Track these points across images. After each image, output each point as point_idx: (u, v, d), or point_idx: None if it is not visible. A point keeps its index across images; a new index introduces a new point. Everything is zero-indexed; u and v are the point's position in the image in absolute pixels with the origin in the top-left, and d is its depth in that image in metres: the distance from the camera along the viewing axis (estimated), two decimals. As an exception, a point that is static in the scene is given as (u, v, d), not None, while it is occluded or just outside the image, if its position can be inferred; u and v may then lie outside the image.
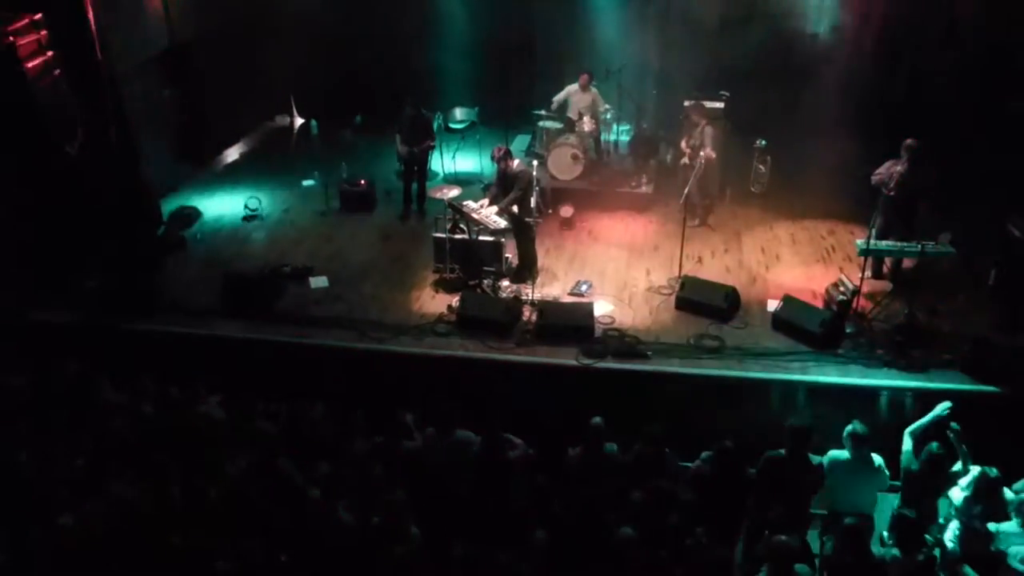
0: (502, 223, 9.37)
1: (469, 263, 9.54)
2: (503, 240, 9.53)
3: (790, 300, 8.82)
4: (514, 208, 9.43)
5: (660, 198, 11.51)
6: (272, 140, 14.06)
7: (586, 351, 8.38)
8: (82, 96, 9.24)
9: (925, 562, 5.71)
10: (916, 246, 8.48)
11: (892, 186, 8.70)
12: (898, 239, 8.79)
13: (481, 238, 9.45)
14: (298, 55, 12.93)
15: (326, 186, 11.69)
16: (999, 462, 6.48)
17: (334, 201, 11.57)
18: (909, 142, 8.92)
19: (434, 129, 11.49)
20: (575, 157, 11.46)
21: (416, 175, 11.31)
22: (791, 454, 6.65)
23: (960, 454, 6.56)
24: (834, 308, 8.81)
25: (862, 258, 8.78)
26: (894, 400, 7.83)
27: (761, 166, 11.58)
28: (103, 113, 9.35)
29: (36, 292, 9.21)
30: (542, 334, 8.64)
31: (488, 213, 9.42)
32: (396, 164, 11.88)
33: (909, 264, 9.12)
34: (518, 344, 8.57)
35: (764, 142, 11.51)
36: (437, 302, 9.34)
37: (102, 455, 6.78)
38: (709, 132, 10.66)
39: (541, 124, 12.19)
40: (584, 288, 9.52)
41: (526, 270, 9.62)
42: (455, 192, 10.01)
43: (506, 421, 7.11)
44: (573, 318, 8.78)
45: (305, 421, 7.32)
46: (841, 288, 8.98)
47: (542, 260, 9.95)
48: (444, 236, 9.59)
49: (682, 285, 9.25)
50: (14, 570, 5.90)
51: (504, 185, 9.55)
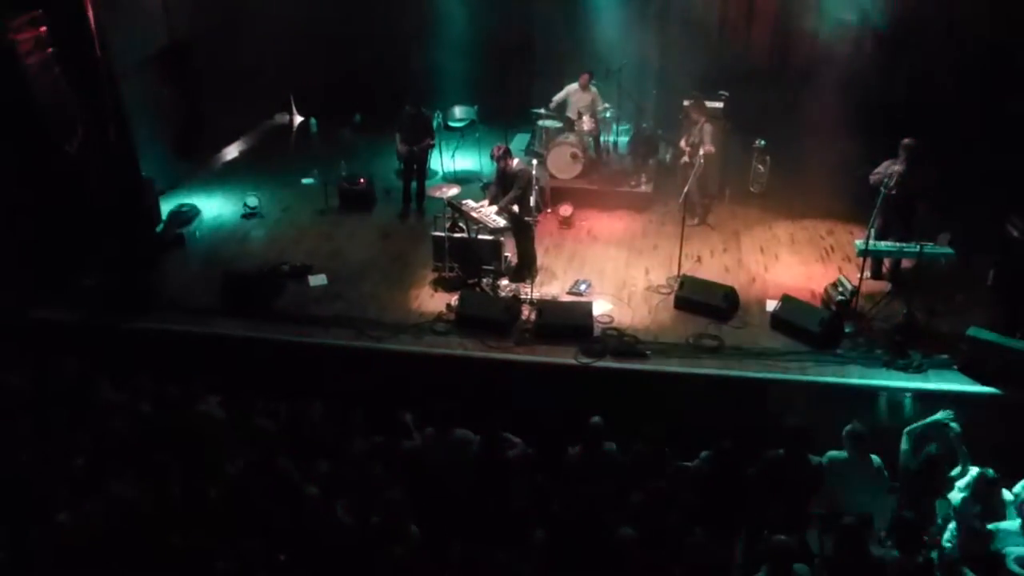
0: (501, 222, 9.37)
1: (468, 262, 9.54)
2: (502, 239, 9.53)
3: (789, 300, 8.82)
4: (513, 207, 9.42)
5: (659, 197, 11.51)
6: (271, 138, 14.03)
7: (585, 350, 8.38)
8: (81, 94, 9.23)
9: (923, 563, 5.72)
10: (915, 246, 8.47)
11: (892, 185, 8.70)
12: (897, 239, 8.78)
13: (480, 237, 9.44)
14: (297, 53, 12.93)
15: (325, 184, 11.67)
16: (998, 463, 6.50)
17: (333, 200, 11.55)
18: (907, 141, 8.92)
19: (433, 128, 11.49)
20: (574, 156, 11.46)
21: (415, 174, 11.30)
22: (790, 454, 6.67)
23: (959, 455, 6.57)
24: (833, 308, 8.82)
25: (861, 258, 8.77)
26: (893, 400, 7.83)
27: (760, 166, 11.57)
28: (102, 111, 9.34)
29: (35, 290, 9.19)
30: (541, 333, 8.63)
31: (487, 212, 9.43)
32: (395, 163, 11.87)
33: (908, 264, 9.12)
34: (517, 343, 8.56)
35: (763, 142, 11.50)
36: (436, 301, 9.33)
37: (101, 454, 6.78)
38: (708, 129, 10.64)
39: (540, 123, 12.18)
40: (583, 287, 9.52)
41: (525, 269, 9.62)
42: (454, 191, 10.00)
43: (505, 420, 7.13)
44: (572, 317, 8.77)
45: (304, 420, 7.32)
46: (840, 288, 8.99)
47: (541, 259, 9.95)
48: (443, 235, 9.58)
49: (681, 284, 9.24)
50: (14, 569, 5.90)
51: (503, 184, 9.55)
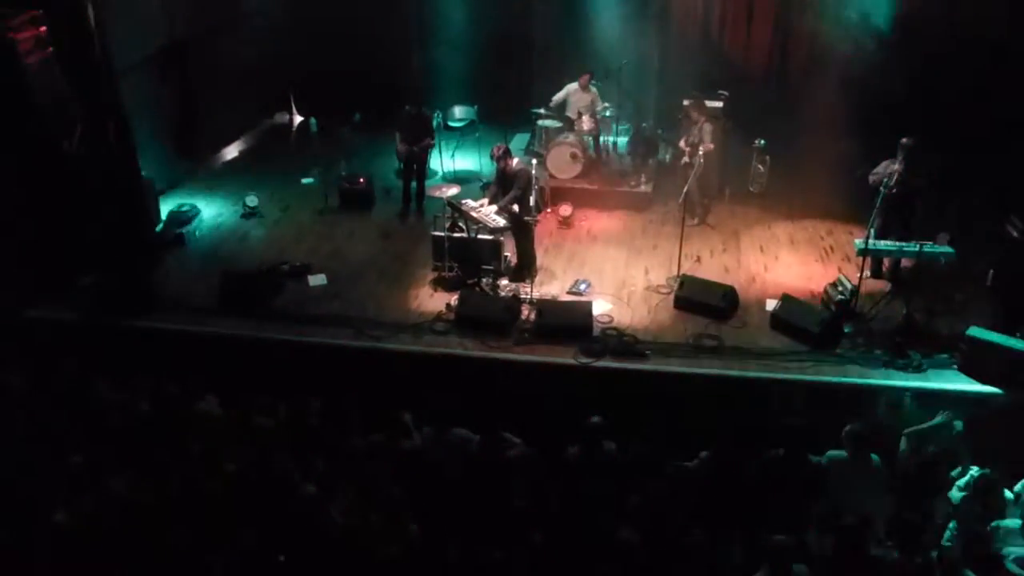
0: (501, 222, 9.36)
1: (468, 262, 9.53)
2: (502, 239, 9.52)
3: (789, 300, 8.82)
4: (513, 207, 9.41)
5: (659, 197, 11.50)
6: (271, 138, 14.02)
7: (584, 350, 8.37)
8: (81, 93, 9.22)
9: (923, 563, 5.72)
10: (914, 246, 8.46)
11: (892, 184, 8.70)
12: (897, 239, 8.78)
13: (480, 237, 9.44)
14: (297, 53, 12.92)
15: (325, 184, 11.68)
16: (998, 463, 6.51)
17: (333, 199, 11.54)
18: (905, 141, 8.91)
19: (433, 127, 11.48)
20: (574, 156, 11.45)
21: (415, 173, 11.29)
22: (790, 454, 6.67)
23: (960, 454, 6.58)
24: (833, 308, 8.81)
25: (861, 258, 8.77)
26: (893, 400, 7.82)
27: (760, 165, 11.57)
28: (102, 111, 9.32)
29: (34, 290, 9.18)
30: (540, 333, 8.62)
31: (487, 212, 9.42)
32: (395, 162, 11.86)
33: (908, 264, 9.12)
34: (516, 343, 8.54)
35: (763, 142, 11.50)
36: (436, 300, 9.32)
37: (99, 452, 6.77)
38: (708, 128, 10.64)
39: (540, 123, 12.17)
40: (583, 287, 9.51)
41: (525, 269, 9.61)
42: (454, 190, 9.99)
43: (505, 420, 7.12)
44: (572, 317, 8.77)
45: (303, 419, 7.32)
46: (840, 288, 8.98)
47: (541, 259, 9.95)
48: (443, 234, 9.57)
49: (681, 284, 9.23)
50: (13, 567, 5.89)
51: (503, 184, 9.54)
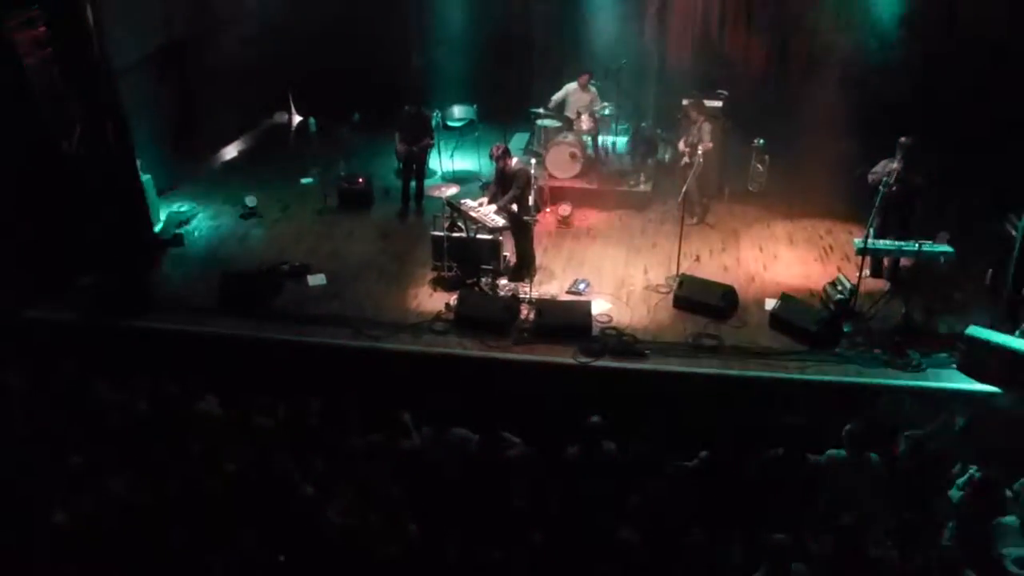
0: (500, 221, 9.36)
1: (467, 261, 9.52)
2: (501, 238, 9.51)
3: (788, 299, 8.82)
4: (512, 206, 9.41)
5: (658, 196, 11.50)
6: (270, 138, 14.00)
7: (584, 350, 8.36)
8: (80, 93, 9.22)
9: (923, 563, 5.72)
10: (914, 245, 8.46)
11: (891, 183, 8.70)
12: (896, 238, 8.78)
13: (479, 236, 9.43)
14: (296, 53, 12.91)
15: (324, 184, 11.67)
16: (998, 461, 6.50)
17: (332, 199, 11.53)
18: (903, 140, 8.92)
19: (433, 127, 11.48)
20: (573, 156, 11.45)
21: (415, 173, 11.29)
22: (789, 453, 6.67)
23: (960, 453, 6.57)
24: (832, 307, 8.82)
25: (860, 257, 8.76)
26: (892, 399, 7.82)
27: (759, 165, 11.56)
28: (100, 111, 9.33)
29: (33, 290, 9.17)
30: (540, 332, 8.62)
31: (486, 211, 9.42)
32: (394, 162, 11.86)
33: (907, 263, 9.11)
34: (516, 343, 8.54)
35: (762, 141, 11.50)
36: (435, 300, 9.32)
37: (99, 452, 6.77)
38: (707, 128, 10.64)
39: (539, 123, 12.16)
40: (582, 287, 9.51)
41: (524, 268, 9.61)
42: (453, 190, 9.99)
43: (504, 419, 7.11)
44: (571, 317, 8.76)
45: (303, 419, 7.32)
46: (839, 287, 8.98)
47: (540, 258, 9.94)
48: (442, 234, 9.57)
49: (680, 284, 9.23)
50: (13, 567, 5.90)
51: (502, 183, 9.54)
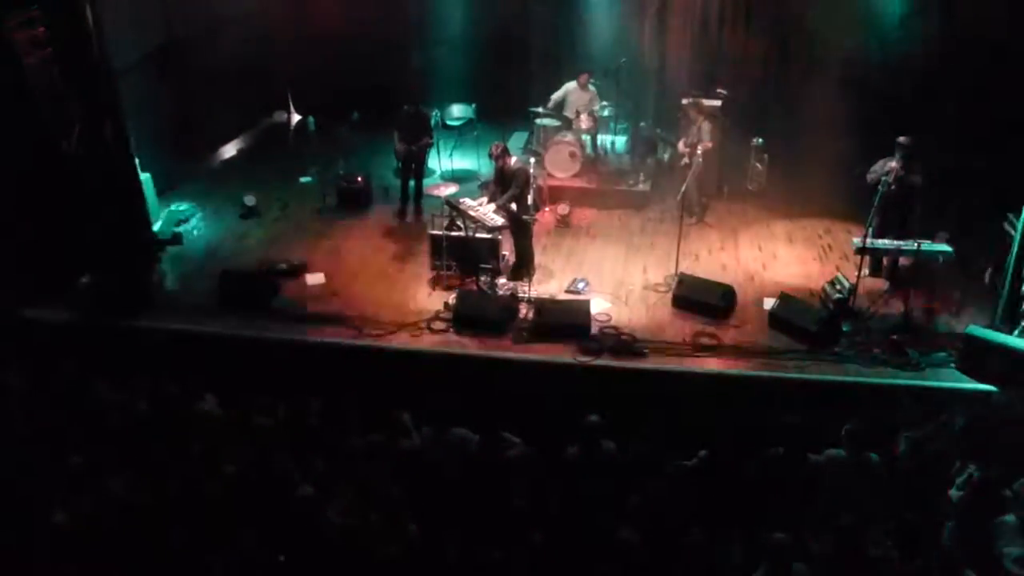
0: (499, 220, 9.35)
1: (466, 260, 9.52)
2: (500, 237, 9.50)
3: (787, 298, 8.83)
4: (511, 205, 9.40)
5: (657, 196, 11.50)
6: (269, 137, 13.99)
7: (583, 349, 8.37)
8: (79, 93, 9.21)
9: (923, 562, 5.72)
10: (913, 244, 8.48)
11: (890, 183, 8.71)
12: (895, 237, 8.79)
13: (478, 235, 9.42)
14: (295, 52, 12.90)
15: (323, 183, 11.66)
16: (997, 461, 6.50)
17: (331, 198, 11.54)
18: (902, 140, 8.93)
19: (432, 126, 11.47)
20: (572, 155, 11.45)
21: (414, 172, 11.28)
22: (788, 453, 6.67)
23: (959, 453, 6.57)
24: (831, 306, 8.82)
25: (859, 256, 8.77)
26: (891, 399, 7.82)
27: (758, 164, 11.57)
28: (100, 110, 9.32)
29: (32, 290, 9.16)
30: (538, 332, 8.62)
31: (485, 210, 9.41)
32: (394, 161, 11.84)
33: (906, 262, 9.12)
34: (515, 342, 8.55)
35: (761, 140, 11.51)
36: (433, 299, 9.32)
37: (99, 452, 6.76)
38: (706, 127, 10.65)
39: (539, 122, 12.15)
40: (581, 286, 9.51)
41: (523, 267, 9.60)
42: (452, 189, 9.99)
43: (503, 419, 7.11)
44: (570, 316, 8.76)
45: (302, 419, 7.31)
46: (838, 286, 8.99)
47: (539, 258, 9.94)
48: (441, 233, 9.56)
49: (679, 283, 9.23)
50: (13, 567, 5.89)
51: (502, 182, 9.54)
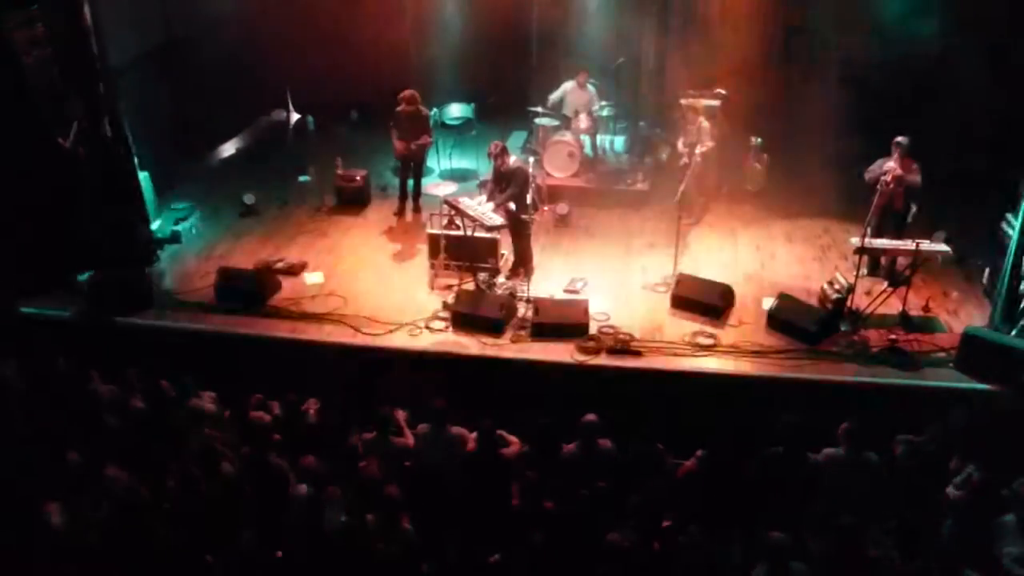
0: (498, 220, 9.34)
1: (464, 260, 9.51)
2: (498, 237, 9.49)
3: (785, 298, 8.82)
4: (510, 205, 9.40)
5: (656, 195, 11.47)
6: (268, 135, 13.99)
7: (581, 348, 8.37)
8: (78, 92, 9.21)
9: (922, 562, 5.72)
10: (911, 244, 8.47)
11: (889, 182, 8.71)
12: (893, 237, 8.79)
13: (477, 234, 9.41)
14: (295, 50, 12.90)
15: (322, 182, 11.66)
16: (996, 460, 6.50)
17: (330, 197, 11.53)
18: (899, 139, 8.94)
19: (431, 126, 11.47)
20: (571, 154, 11.45)
21: (412, 171, 11.27)
22: (787, 452, 6.66)
23: (958, 452, 6.56)
24: (829, 306, 8.81)
25: (857, 256, 8.77)
26: (890, 398, 7.82)
27: (757, 164, 11.56)
28: (99, 109, 9.32)
29: (30, 287, 9.16)
30: (537, 331, 8.61)
31: (484, 210, 9.40)
32: (392, 160, 11.84)
33: (904, 262, 9.12)
34: (513, 341, 8.54)
35: (760, 140, 11.51)
36: (432, 299, 9.30)
37: (97, 451, 6.75)
38: (706, 127, 10.66)
39: (537, 121, 12.14)
40: (579, 285, 9.50)
41: (521, 267, 9.60)
42: (451, 188, 10.00)
43: (501, 418, 7.10)
44: (568, 315, 8.75)
45: (299, 417, 7.30)
46: (836, 286, 8.98)
47: (537, 257, 9.93)
48: (440, 232, 9.56)
49: (677, 283, 9.22)
50: (13, 567, 5.88)
51: (500, 182, 9.53)
